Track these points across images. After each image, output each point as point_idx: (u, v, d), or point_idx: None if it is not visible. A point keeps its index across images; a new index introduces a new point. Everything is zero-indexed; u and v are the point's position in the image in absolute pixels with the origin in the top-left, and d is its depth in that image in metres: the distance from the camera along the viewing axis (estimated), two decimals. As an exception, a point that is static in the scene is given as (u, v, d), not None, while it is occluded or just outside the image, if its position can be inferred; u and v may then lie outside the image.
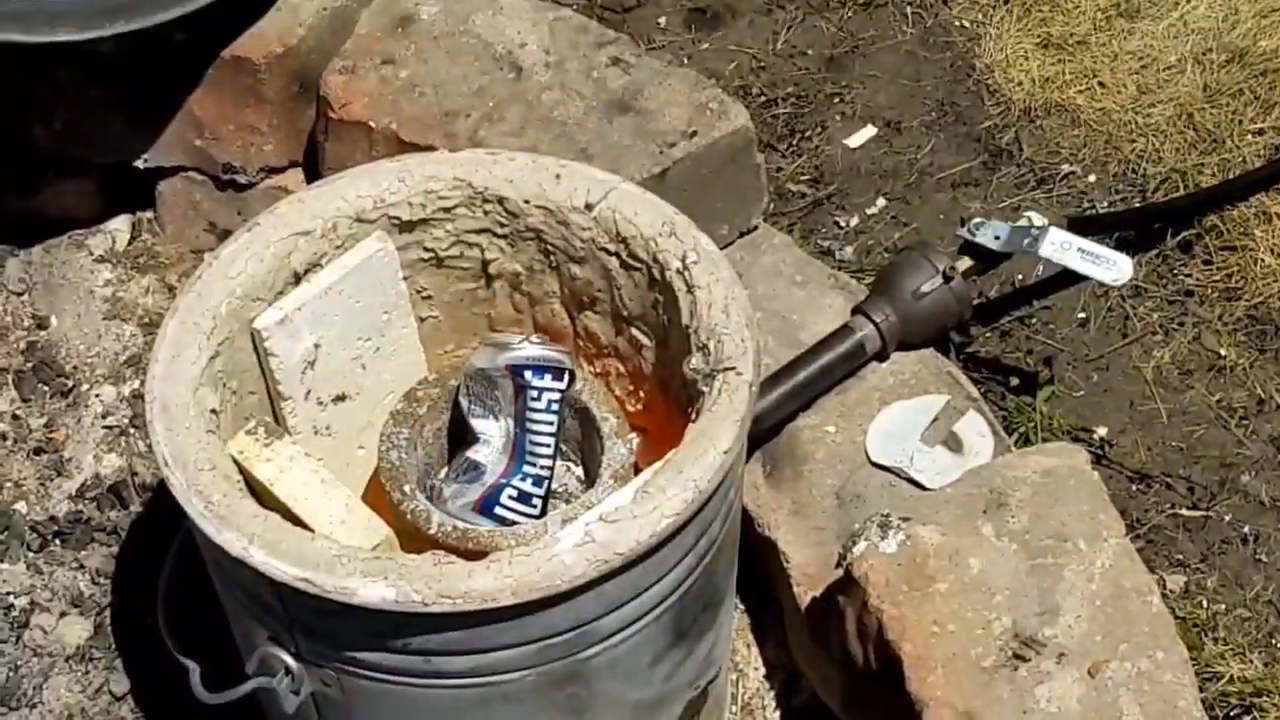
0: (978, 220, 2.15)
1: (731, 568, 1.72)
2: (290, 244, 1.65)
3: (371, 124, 2.14)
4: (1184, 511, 2.10)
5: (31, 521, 2.16)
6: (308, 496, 1.55)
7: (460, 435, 1.76)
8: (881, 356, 2.04)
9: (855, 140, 2.54)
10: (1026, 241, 2.11)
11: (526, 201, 1.69)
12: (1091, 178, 2.45)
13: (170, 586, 1.68)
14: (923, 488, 1.92)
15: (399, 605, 1.38)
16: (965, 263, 2.11)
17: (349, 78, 2.18)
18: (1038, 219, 2.14)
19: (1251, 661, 1.96)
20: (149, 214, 2.47)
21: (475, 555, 1.42)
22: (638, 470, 1.64)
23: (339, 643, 1.48)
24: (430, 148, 2.04)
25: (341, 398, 1.74)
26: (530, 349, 1.69)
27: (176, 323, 1.58)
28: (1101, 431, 2.17)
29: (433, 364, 1.82)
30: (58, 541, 2.15)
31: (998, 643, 1.63)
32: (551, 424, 1.70)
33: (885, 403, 2.01)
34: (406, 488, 1.64)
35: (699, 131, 2.09)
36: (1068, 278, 2.27)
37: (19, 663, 2.05)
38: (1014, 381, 2.21)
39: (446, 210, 1.71)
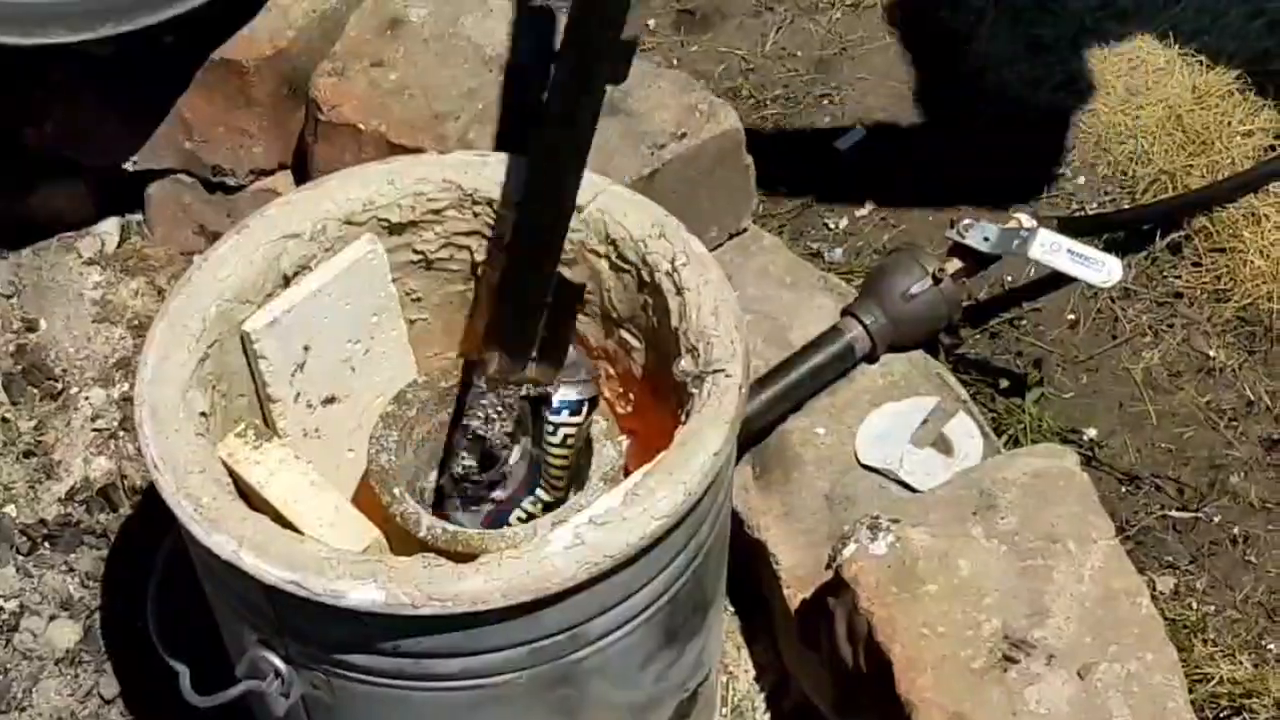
0: (967, 222, 2.15)
1: (721, 570, 1.72)
2: (279, 246, 1.65)
3: (361, 126, 2.13)
4: (1173, 513, 2.11)
5: (21, 525, 2.16)
6: (297, 499, 1.55)
7: (457, 443, 1.72)
8: (871, 358, 2.04)
9: (844, 142, 2.55)
10: (1016, 243, 2.11)
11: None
12: (1080, 179, 2.46)
13: (160, 589, 1.67)
14: (912, 489, 1.92)
15: (388, 608, 1.38)
16: (955, 264, 2.11)
17: (338, 80, 2.18)
18: (1027, 221, 2.14)
19: (1241, 663, 1.96)
20: (138, 216, 2.47)
21: (465, 558, 1.42)
22: (627, 473, 1.64)
23: (329, 645, 1.47)
24: (419, 150, 2.04)
25: (331, 400, 1.74)
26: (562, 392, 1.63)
27: (165, 325, 1.58)
28: (1091, 433, 2.17)
29: (422, 366, 1.82)
30: (47, 545, 2.15)
31: (987, 644, 1.63)
32: (566, 457, 1.65)
33: (875, 405, 2.01)
34: (396, 490, 1.64)
35: (688, 133, 2.09)
36: (1057, 279, 2.27)
37: (8, 666, 2.04)
38: (1003, 383, 2.21)
39: (436, 212, 1.70)
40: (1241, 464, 2.14)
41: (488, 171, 1.69)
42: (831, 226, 2.43)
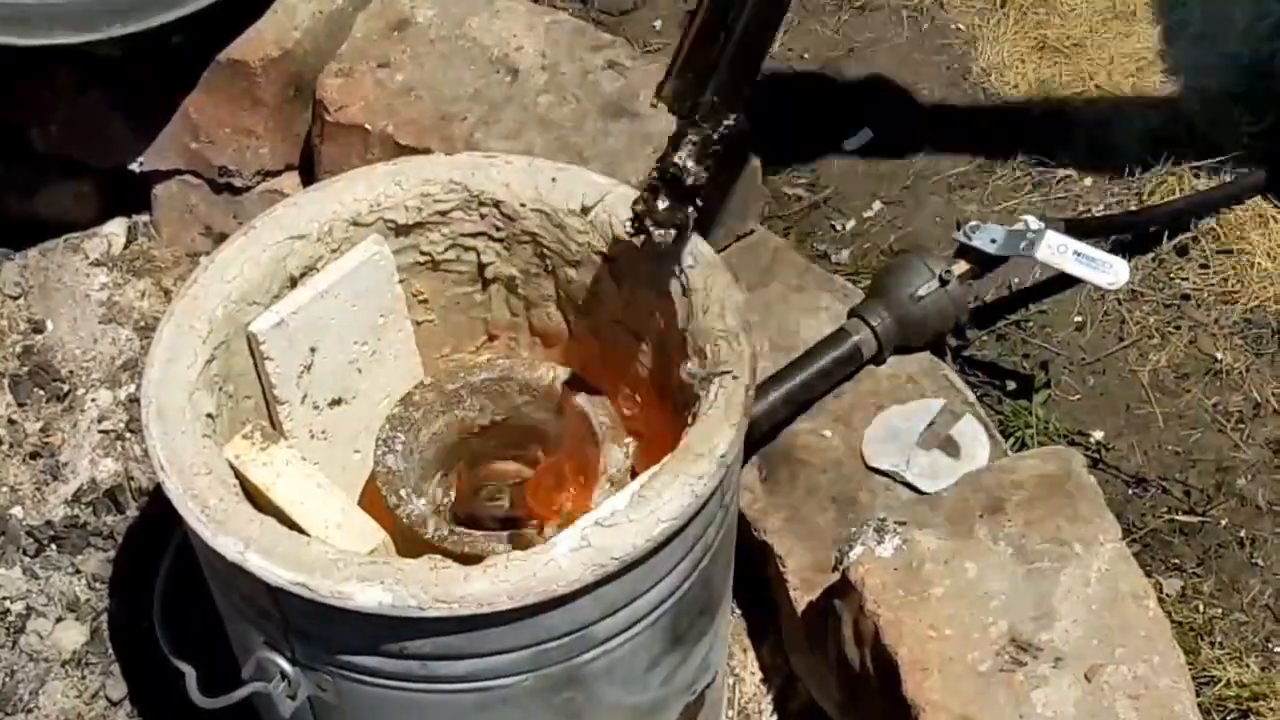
0: (974, 223, 2.15)
1: (728, 572, 1.71)
2: (286, 248, 1.65)
3: (367, 127, 2.14)
4: (1180, 516, 2.10)
5: (28, 526, 2.16)
6: (304, 500, 1.55)
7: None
8: (878, 360, 2.04)
9: (852, 143, 2.54)
10: (1023, 245, 2.11)
11: (523, 205, 1.69)
12: (1088, 181, 2.45)
13: (166, 591, 1.68)
14: (919, 491, 1.92)
15: (395, 610, 1.38)
16: (961, 266, 2.11)
17: (345, 81, 2.18)
18: (1034, 222, 2.14)
19: (1248, 666, 1.96)
20: (145, 218, 2.47)
21: (472, 560, 1.42)
22: (634, 475, 1.64)
23: (335, 647, 1.48)
24: (426, 151, 2.04)
25: (338, 401, 1.74)
26: None
27: (172, 326, 1.58)
28: (1098, 435, 2.17)
29: (429, 367, 1.82)
30: (54, 546, 2.15)
31: (994, 647, 1.63)
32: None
33: (882, 406, 2.01)
34: (403, 492, 1.64)
35: (695, 135, 2.09)
36: (1064, 281, 2.27)
37: (15, 668, 2.04)
38: (1010, 385, 2.21)
39: (443, 214, 1.71)
40: (1249, 467, 2.14)
41: (494, 173, 1.69)
42: (838, 228, 2.43)
